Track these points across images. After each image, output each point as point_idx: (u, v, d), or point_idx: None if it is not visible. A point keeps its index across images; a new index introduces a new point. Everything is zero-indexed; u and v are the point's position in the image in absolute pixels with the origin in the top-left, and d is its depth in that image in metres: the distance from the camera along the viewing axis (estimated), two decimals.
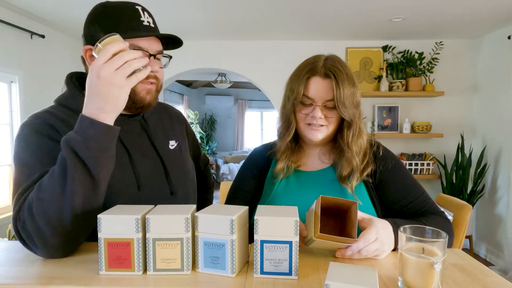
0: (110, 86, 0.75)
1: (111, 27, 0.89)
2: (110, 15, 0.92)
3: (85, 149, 0.75)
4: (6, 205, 3.14)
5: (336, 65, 1.02)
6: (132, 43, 0.90)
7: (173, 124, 1.17)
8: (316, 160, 1.12)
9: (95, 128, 0.76)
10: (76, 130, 0.77)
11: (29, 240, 0.78)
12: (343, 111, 1.00)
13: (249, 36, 3.96)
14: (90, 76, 0.76)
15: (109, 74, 0.74)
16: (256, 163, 1.19)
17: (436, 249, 0.64)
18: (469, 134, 4.01)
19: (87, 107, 0.78)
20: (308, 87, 1.02)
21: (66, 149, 0.75)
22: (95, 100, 0.76)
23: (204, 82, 8.03)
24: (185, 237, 0.71)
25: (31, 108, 3.32)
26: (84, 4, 2.93)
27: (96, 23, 0.93)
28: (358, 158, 1.04)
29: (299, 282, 0.69)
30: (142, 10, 0.95)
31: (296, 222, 0.69)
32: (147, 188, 0.99)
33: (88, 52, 0.95)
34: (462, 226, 1.36)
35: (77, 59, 4.36)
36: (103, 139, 0.77)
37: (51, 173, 0.78)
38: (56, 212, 0.76)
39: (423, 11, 3.06)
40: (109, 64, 0.74)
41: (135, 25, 0.92)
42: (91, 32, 0.94)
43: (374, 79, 4.01)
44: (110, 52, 0.75)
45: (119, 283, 0.68)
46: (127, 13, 0.92)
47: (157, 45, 0.96)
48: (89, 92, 0.77)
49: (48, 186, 0.77)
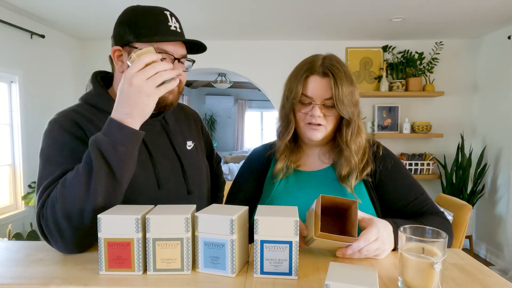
0: (140, 94, 0.79)
1: (140, 30, 0.94)
2: (139, 18, 0.96)
3: (113, 152, 0.79)
4: (6, 205, 3.14)
5: (334, 64, 1.03)
6: (159, 46, 0.94)
7: (190, 124, 1.22)
8: (316, 160, 1.12)
9: (123, 132, 0.80)
10: (104, 132, 0.81)
11: (51, 236, 0.82)
12: (342, 109, 1.01)
13: (249, 36, 3.96)
14: (122, 83, 0.80)
15: (140, 82, 0.78)
16: (255, 163, 1.19)
17: (436, 249, 0.64)
18: (469, 134, 4.00)
19: (116, 111, 0.82)
20: (306, 86, 1.03)
21: (94, 150, 0.79)
22: (124, 105, 0.80)
23: (204, 82, 8.03)
24: (185, 237, 0.71)
25: (31, 108, 3.32)
26: (84, 4, 2.93)
27: (126, 25, 0.97)
28: (357, 157, 1.04)
29: (299, 282, 0.69)
30: (170, 16, 0.99)
31: (296, 222, 0.69)
32: (166, 187, 1.02)
33: (116, 52, 0.99)
34: (462, 226, 1.36)
35: (77, 59, 4.37)
36: (130, 143, 0.81)
37: (76, 172, 0.81)
38: (79, 210, 0.79)
39: (423, 11, 3.06)
40: (141, 73, 0.78)
41: (163, 29, 0.96)
42: (120, 33, 0.97)
43: (374, 79, 4.01)
44: (143, 62, 0.79)
45: (119, 283, 0.68)
46: (155, 18, 0.96)
47: (181, 50, 0.99)
48: (119, 97, 0.81)
49: (72, 184, 0.80)
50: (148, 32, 0.94)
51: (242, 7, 3.02)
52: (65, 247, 0.82)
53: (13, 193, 3.21)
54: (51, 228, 0.81)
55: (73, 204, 0.79)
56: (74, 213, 0.79)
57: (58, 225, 0.80)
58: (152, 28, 0.95)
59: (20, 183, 3.20)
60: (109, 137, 0.79)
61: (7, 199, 3.17)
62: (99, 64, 4.06)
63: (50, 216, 0.80)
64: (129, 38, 0.95)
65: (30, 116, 3.30)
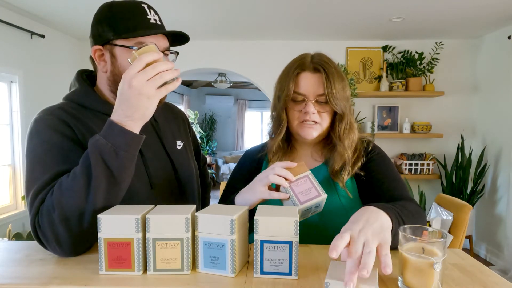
0: (140, 96, 0.76)
1: (118, 26, 0.91)
2: (117, 14, 0.92)
3: (115, 158, 0.77)
4: (6, 205, 3.14)
5: (324, 60, 1.04)
6: (139, 40, 0.91)
7: (179, 124, 1.20)
8: (309, 159, 1.13)
9: (126, 137, 0.78)
10: (104, 135, 0.78)
11: (48, 244, 0.80)
12: (335, 104, 1.01)
13: (249, 36, 3.96)
14: (122, 83, 0.77)
15: (141, 84, 0.75)
16: (247, 165, 1.19)
17: (436, 249, 0.64)
18: (469, 134, 4.00)
19: (116, 112, 0.79)
20: (298, 83, 1.03)
21: (95, 155, 0.76)
22: (124, 107, 0.78)
23: (204, 82, 8.03)
24: (185, 237, 0.71)
25: (31, 108, 3.32)
26: (84, 4, 2.93)
27: (104, 22, 0.93)
28: (349, 151, 1.05)
29: (299, 282, 0.69)
30: (148, 8, 0.95)
31: (296, 222, 0.69)
32: (159, 187, 1.01)
33: (97, 52, 0.95)
34: (462, 226, 1.36)
35: (77, 59, 4.37)
36: (132, 148, 0.79)
37: (73, 176, 0.78)
38: (77, 216, 0.77)
39: (423, 11, 3.06)
40: (141, 74, 0.75)
41: (142, 23, 0.92)
42: (99, 32, 0.94)
43: (374, 79, 4.01)
44: (143, 62, 0.76)
45: (119, 283, 0.68)
46: (134, 12, 0.93)
47: (164, 42, 0.96)
48: (119, 99, 0.78)
49: (69, 190, 0.77)
50: (128, 27, 0.91)
51: (242, 7, 3.02)
52: (63, 252, 0.80)
53: (13, 193, 3.21)
54: (49, 236, 0.78)
55: (71, 210, 0.77)
56: (72, 219, 0.77)
57: (56, 233, 0.78)
58: (131, 23, 0.91)
59: (20, 183, 3.20)
60: (110, 142, 0.77)
61: (7, 199, 3.17)
62: None
63: (47, 224, 0.78)
64: (109, 35, 0.91)
65: (30, 116, 3.30)
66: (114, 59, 0.93)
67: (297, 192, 0.86)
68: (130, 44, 0.91)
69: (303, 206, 0.84)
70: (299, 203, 0.84)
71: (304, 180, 0.88)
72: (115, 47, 0.92)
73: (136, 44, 0.90)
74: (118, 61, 0.93)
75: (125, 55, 0.91)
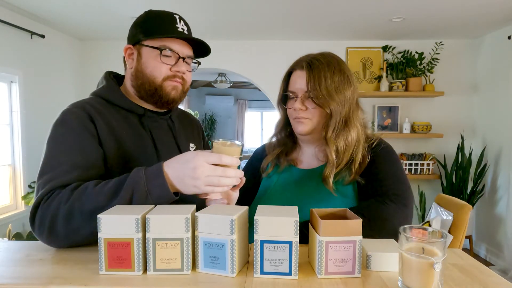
0: (192, 180, 0.80)
1: (149, 29, 1.02)
2: (150, 19, 1.04)
3: (143, 200, 0.81)
4: (6, 205, 3.14)
5: (317, 58, 1.04)
6: (165, 44, 1.00)
7: (193, 129, 1.27)
8: (313, 158, 1.13)
9: (162, 192, 0.81)
10: (148, 176, 0.81)
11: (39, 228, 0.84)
12: (320, 101, 1.01)
13: (249, 36, 3.96)
14: (192, 155, 0.81)
15: (202, 174, 0.79)
16: (254, 160, 1.24)
17: (436, 249, 0.64)
18: (469, 134, 4.00)
19: (171, 165, 0.82)
20: (290, 81, 1.08)
21: (128, 186, 0.81)
22: (178, 167, 0.81)
23: (204, 82, 8.02)
24: (185, 237, 0.71)
25: (31, 108, 3.32)
26: (84, 4, 2.93)
27: (138, 26, 1.05)
28: (341, 155, 1.02)
29: (299, 282, 0.69)
30: (179, 19, 1.05)
31: (296, 222, 0.69)
32: None
33: (128, 50, 1.06)
34: (462, 226, 1.36)
35: (77, 59, 4.36)
36: (159, 201, 0.81)
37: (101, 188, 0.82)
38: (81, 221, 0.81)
39: (423, 11, 3.06)
40: (210, 168, 0.80)
41: (171, 30, 1.02)
42: (132, 33, 1.05)
43: (374, 79, 4.01)
44: (220, 161, 0.80)
45: (119, 283, 0.68)
46: (164, 19, 1.03)
47: (188, 51, 1.06)
48: (182, 156, 0.82)
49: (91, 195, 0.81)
50: (156, 31, 1.01)
51: (243, 8, 3.02)
52: (47, 241, 0.84)
53: (13, 193, 3.21)
54: (46, 222, 0.82)
55: (80, 213, 0.81)
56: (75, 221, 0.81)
57: (55, 223, 0.82)
58: (160, 28, 1.01)
59: (20, 183, 3.20)
60: (148, 185, 0.81)
61: (7, 199, 3.17)
62: (99, 64, 4.07)
63: (52, 211, 0.82)
64: (139, 36, 1.03)
65: (30, 116, 3.30)
66: (140, 57, 1.03)
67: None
68: (156, 45, 1.00)
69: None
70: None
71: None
72: (143, 47, 1.03)
73: (161, 46, 1.00)
74: (143, 59, 1.02)
75: (150, 54, 1.01)
